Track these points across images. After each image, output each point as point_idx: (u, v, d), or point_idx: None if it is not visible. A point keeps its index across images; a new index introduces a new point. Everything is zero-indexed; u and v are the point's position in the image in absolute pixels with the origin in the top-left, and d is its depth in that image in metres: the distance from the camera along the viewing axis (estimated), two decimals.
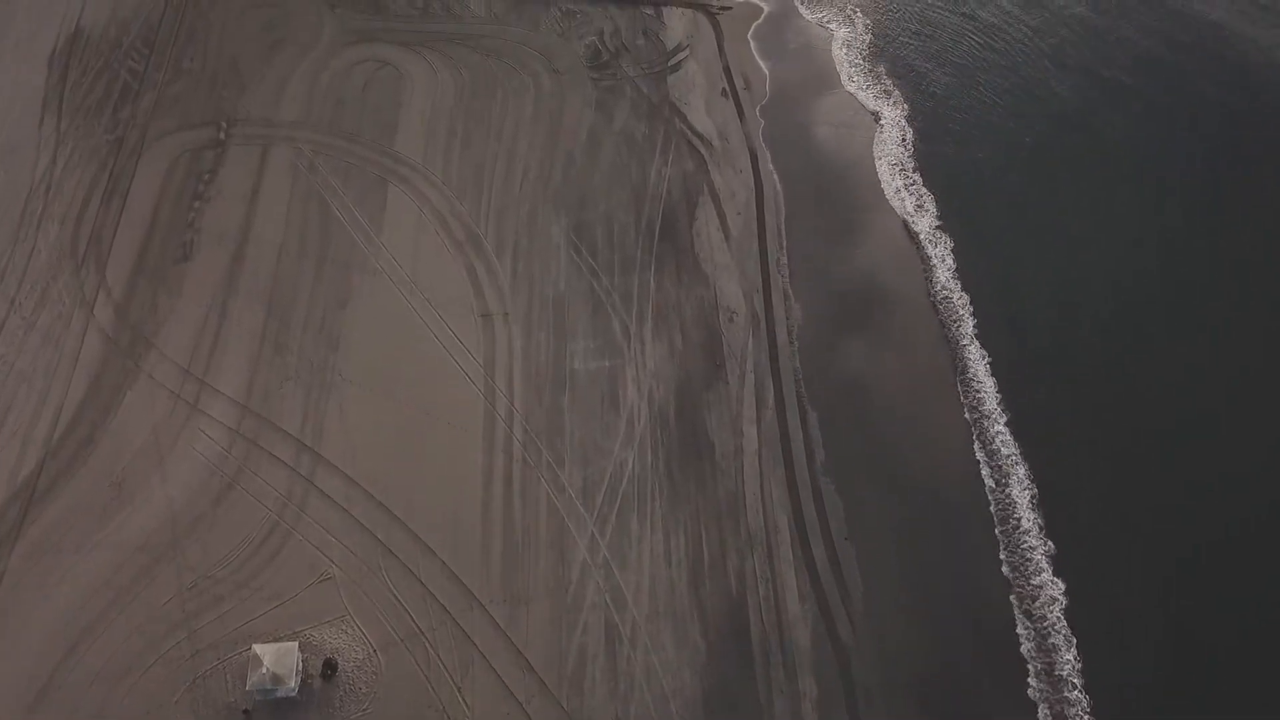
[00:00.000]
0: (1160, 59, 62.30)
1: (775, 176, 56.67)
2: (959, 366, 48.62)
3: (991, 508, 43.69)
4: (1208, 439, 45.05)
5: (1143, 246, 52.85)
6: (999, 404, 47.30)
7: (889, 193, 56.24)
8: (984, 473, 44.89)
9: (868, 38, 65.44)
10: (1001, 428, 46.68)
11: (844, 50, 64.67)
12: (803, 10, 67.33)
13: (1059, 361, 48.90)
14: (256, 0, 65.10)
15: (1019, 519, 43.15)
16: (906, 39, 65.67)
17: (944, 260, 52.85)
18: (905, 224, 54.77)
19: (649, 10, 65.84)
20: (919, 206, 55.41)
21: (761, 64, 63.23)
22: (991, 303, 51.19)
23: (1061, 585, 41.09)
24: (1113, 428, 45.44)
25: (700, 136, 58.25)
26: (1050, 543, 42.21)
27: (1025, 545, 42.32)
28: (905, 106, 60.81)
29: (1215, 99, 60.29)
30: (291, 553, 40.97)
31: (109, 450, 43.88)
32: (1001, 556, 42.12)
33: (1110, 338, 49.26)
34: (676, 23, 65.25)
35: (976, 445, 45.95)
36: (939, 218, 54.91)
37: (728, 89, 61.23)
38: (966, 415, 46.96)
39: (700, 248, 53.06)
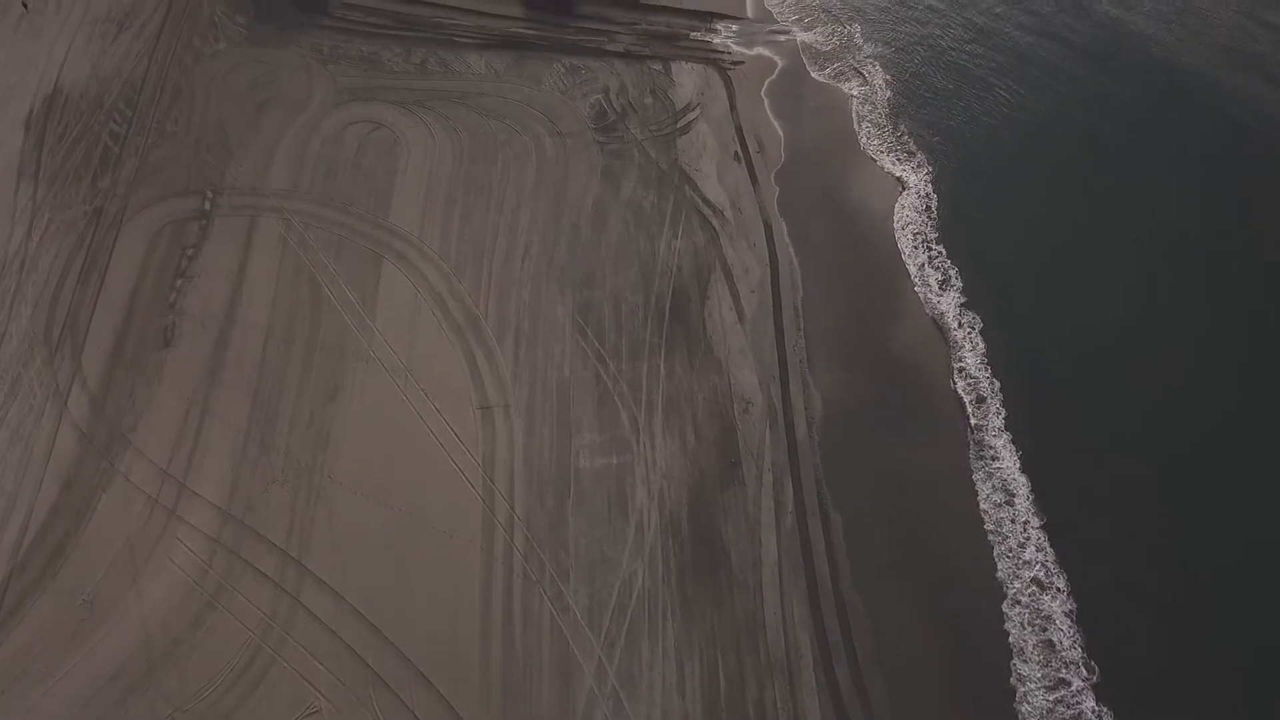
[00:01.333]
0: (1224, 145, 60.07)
1: (791, 251, 54.52)
2: (989, 462, 46.24)
3: (1028, 632, 41.29)
4: None
5: (1196, 329, 50.52)
6: (1032, 505, 44.93)
7: (912, 268, 54.15)
8: (1016, 586, 42.45)
9: (887, 94, 63.45)
10: (1037, 531, 44.28)
11: (863, 107, 62.64)
12: (819, 65, 65.35)
13: (1098, 456, 46.57)
14: (244, 56, 63.15)
15: (1057, 640, 40.75)
16: (928, 94, 63.78)
17: (973, 344, 50.67)
18: (929, 303, 52.59)
19: (657, 66, 63.87)
20: (944, 282, 53.30)
21: (776, 124, 61.18)
22: (1022, 390, 49.13)
23: (1111, 716, 38.67)
24: (1164, 545, 43.04)
25: (712, 206, 56.15)
26: (1096, 670, 39.78)
27: (1066, 672, 39.92)
28: (928, 169, 58.78)
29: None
30: (276, 681, 38.67)
31: (81, 563, 41.64)
32: (1038, 682, 39.71)
33: (1158, 430, 46.91)
34: (686, 79, 63.23)
35: (1010, 552, 43.53)
36: (964, 293, 52.85)
37: (740, 152, 59.19)
38: (999, 518, 44.57)
39: (713, 330, 50.88)
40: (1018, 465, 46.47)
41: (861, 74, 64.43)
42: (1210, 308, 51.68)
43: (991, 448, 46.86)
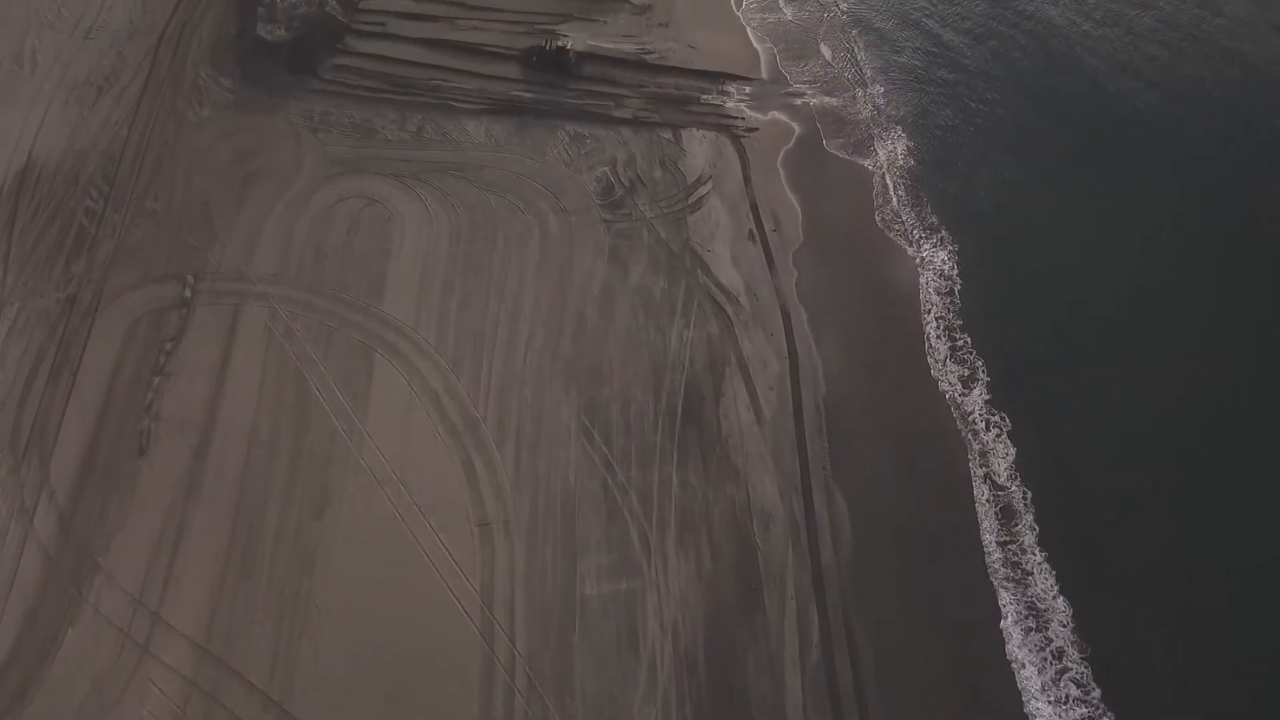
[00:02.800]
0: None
1: (811, 341, 51.87)
2: (1023, 587, 43.47)
3: None
4: None
5: (1252, 431, 47.67)
6: (1073, 636, 42.12)
7: (936, 362, 51.43)
8: None
9: (910, 163, 60.97)
10: (1077, 663, 41.48)
11: (884, 180, 60.15)
12: (838, 132, 62.85)
13: (1135, 567, 43.76)
14: (230, 124, 60.66)
15: None
16: (954, 163, 61.42)
17: (1003, 452, 48.03)
18: (955, 402, 49.88)
19: (666, 134, 61.32)
20: (970, 378, 50.78)
21: (793, 198, 58.59)
22: (1057, 500, 46.53)
23: None
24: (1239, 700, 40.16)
25: (726, 292, 53.52)
26: None
27: None
28: (953, 248, 56.36)
29: None
30: None
31: (44, 708, 38.88)
32: None
33: (1214, 548, 44.08)
34: (697, 149, 60.67)
35: (1048, 693, 40.71)
36: (991, 390, 50.19)
37: (755, 231, 56.62)
38: (1037, 658, 41.74)
39: (729, 432, 48.16)
40: (1053, 587, 43.63)
41: (883, 141, 61.97)
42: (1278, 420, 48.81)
43: (1027, 573, 44.07)
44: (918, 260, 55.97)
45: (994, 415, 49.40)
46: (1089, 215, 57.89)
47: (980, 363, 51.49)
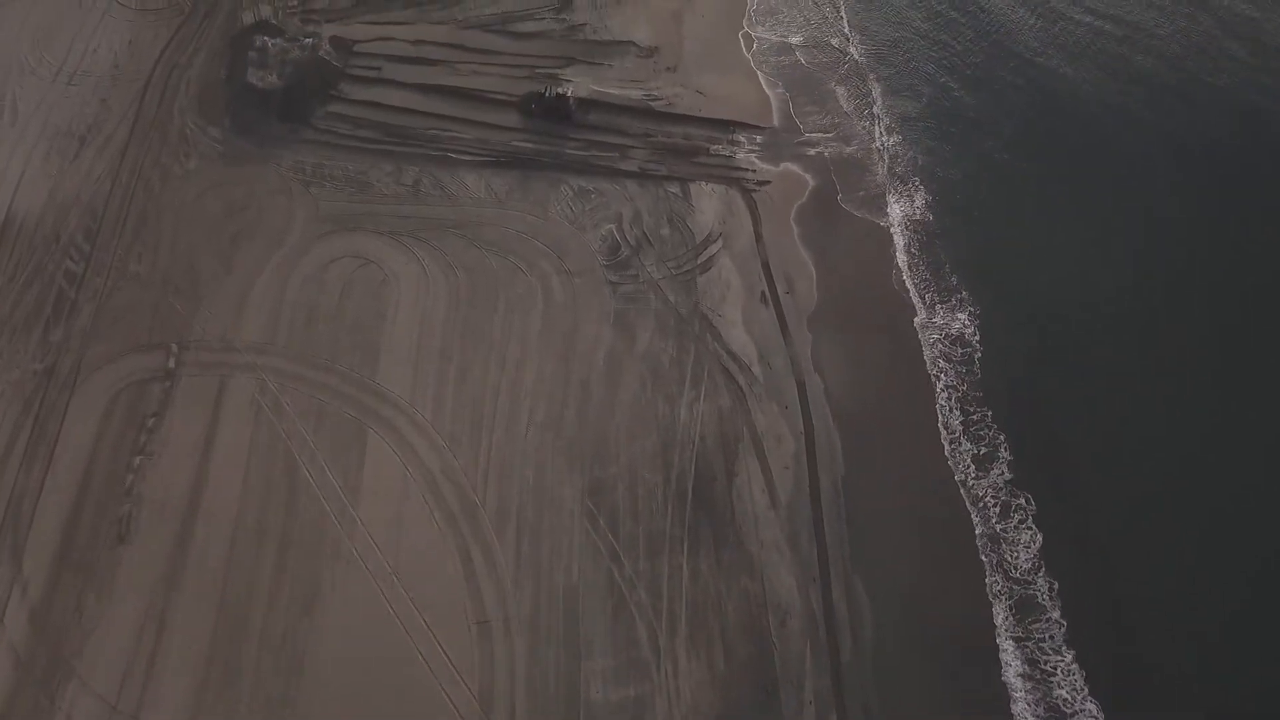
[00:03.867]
0: None
1: (828, 414, 49.80)
2: (1047, 689, 41.37)
3: None
4: None
5: None
6: None
7: (955, 440, 49.64)
8: None
9: (928, 217, 58.96)
10: None
11: (902, 236, 58.19)
12: (854, 184, 60.73)
13: (1170, 670, 41.64)
14: (218, 177, 58.64)
15: None
16: (974, 215, 59.37)
17: (1027, 541, 45.81)
18: (974, 482, 47.79)
19: (674, 188, 59.26)
20: (990, 456, 48.92)
21: (806, 257, 56.51)
22: (1084, 594, 44.31)
23: None
24: None
25: (737, 360, 51.42)
26: None
27: None
28: (973, 309, 54.62)
29: None
30: None
31: None
32: None
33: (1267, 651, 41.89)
34: (706, 204, 58.58)
35: None
36: (1013, 469, 48.31)
37: (768, 294, 54.58)
38: None
39: (742, 516, 46.05)
40: (1083, 690, 41.48)
41: (900, 195, 59.97)
42: None
43: (1044, 668, 42.01)
44: (937, 325, 53.96)
45: (1017, 497, 47.33)
46: (1114, 275, 55.87)
47: (1001, 438, 49.58)
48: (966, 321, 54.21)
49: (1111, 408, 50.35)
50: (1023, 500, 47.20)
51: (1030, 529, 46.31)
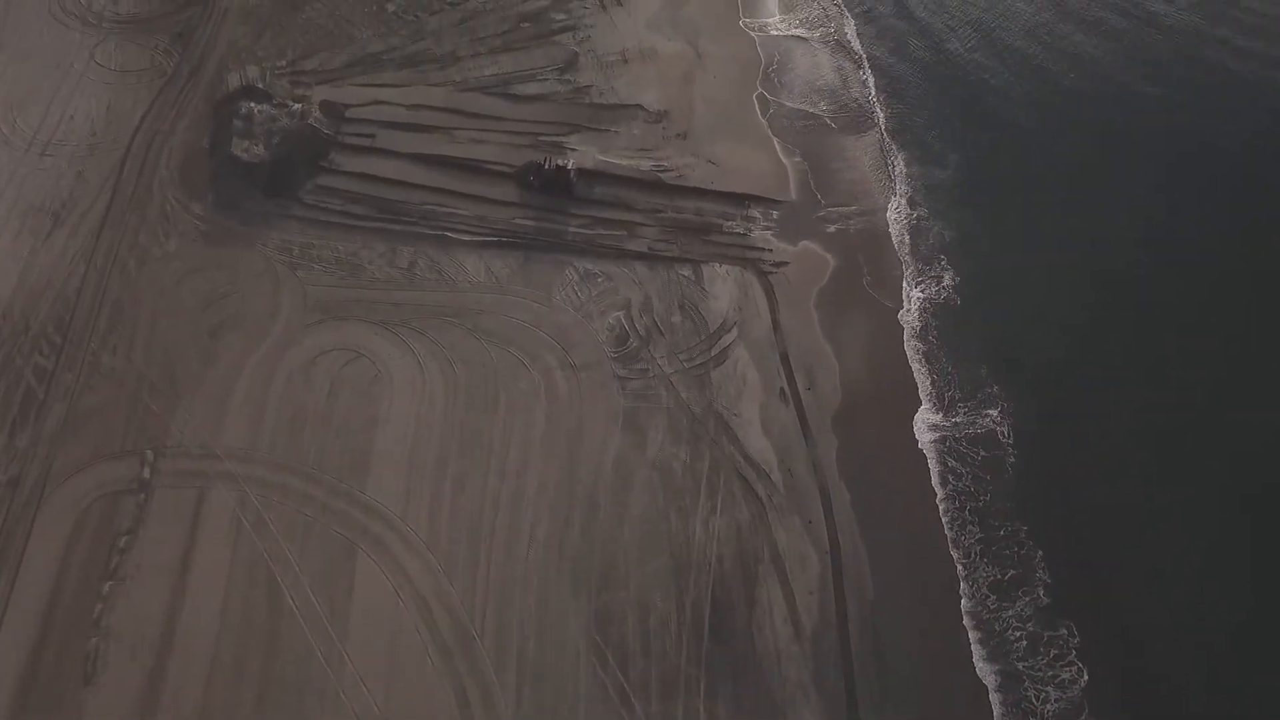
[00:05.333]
0: None
1: (856, 531, 46.96)
2: None
3: None
4: None
5: None
6: None
7: (986, 560, 46.39)
8: None
9: (955, 301, 56.31)
10: None
11: (929, 321, 55.42)
12: (878, 265, 57.85)
13: None
14: (198, 259, 55.99)
15: None
16: (1004, 297, 56.58)
17: (1069, 680, 42.69)
18: (1008, 610, 44.83)
19: (685, 270, 56.48)
20: (1025, 578, 45.70)
21: (828, 347, 53.64)
22: None
23: None
24: None
25: (756, 467, 48.56)
26: None
27: None
28: (1005, 404, 51.97)
29: None
30: None
31: None
32: None
33: None
34: (720, 289, 55.77)
35: None
36: (1051, 593, 45.10)
37: (787, 390, 51.75)
38: None
39: (764, 651, 43.20)
40: None
41: (927, 276, 57.25)
42: None
43: None
44: (967, 426, 50.93)
45: (1058, 629, 44.29)
46: (1161, 370, 52.87)
47: (1039, 555, 46.58)
48: (998, 416, 51.68)
49: (1152, 527, 47.34)
50: (1064, 630, 44.13)
51: (1074, 665, 43.23)
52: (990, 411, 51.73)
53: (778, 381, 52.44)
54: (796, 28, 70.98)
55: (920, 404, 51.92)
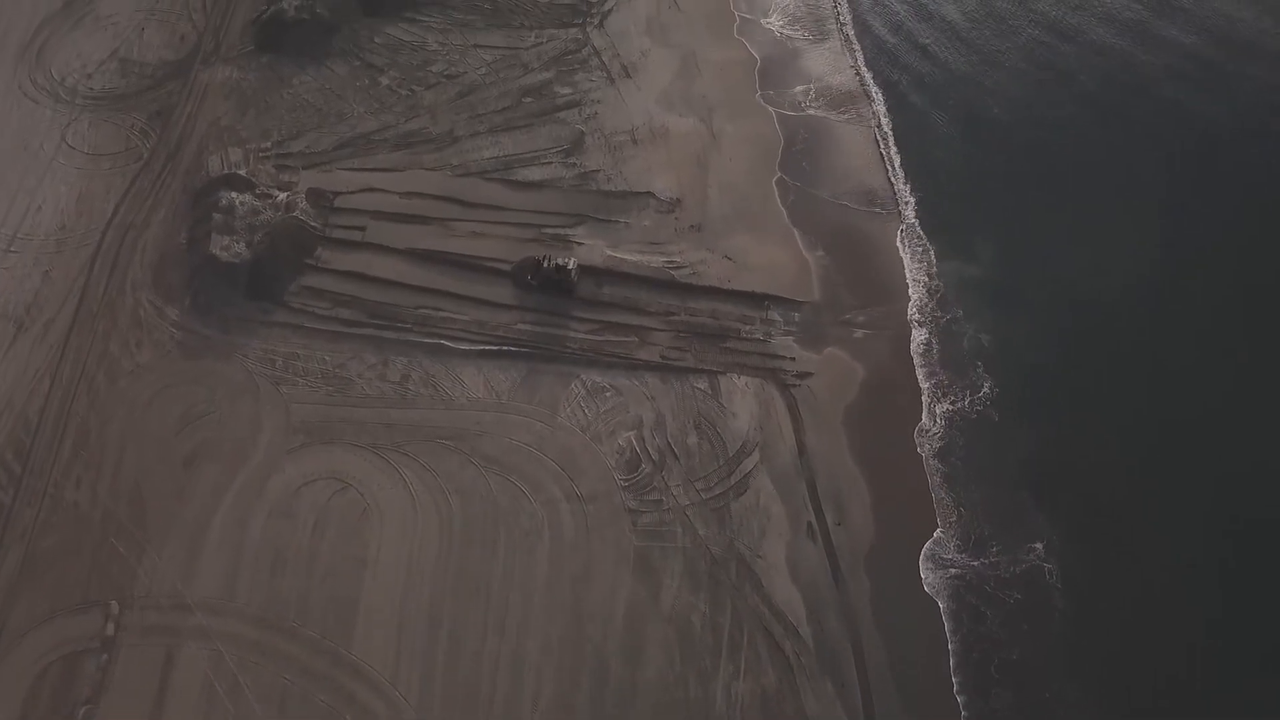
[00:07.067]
0: None
1: (894, 693, 43.29)
2: None
3: None
4: None
5: None
6: None
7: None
8: None
9: (993, 417, 52.69)
10: None
11: (960, 437, 51.72)
12: (910, 375, 53.99)
13: None
14: (173, 374, 52.73)
15: None
16: (1049, 414, 52.94)
17: None
18: None
19: (701, 382, 52.85)
20: None
21: (860, 474, 50.07)
22: None
23: None
24: None
25: (783, 620, 44.93)
26: None
27: None
28: (1051, 537, 48.23)
29: None
30: None
31: None
32: None
33: None
34: (739, 404, 52.13)
35: None
36: None
37: (815, 526, 48.08)
38: None
39: None
40: None
41: (964, 385, 53.61)
42: None
43: None
44: (1013, 571, 47.12)
45: None
46: (1236, 494, 49.02)
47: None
48: (1042, 551, 48.05)
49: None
50: None
51: None
52: (1033, 547, 48.13)
53: (805, 515, 48.74)
54: (817, 103, 67.32)
55: (940, 535, 48.11)
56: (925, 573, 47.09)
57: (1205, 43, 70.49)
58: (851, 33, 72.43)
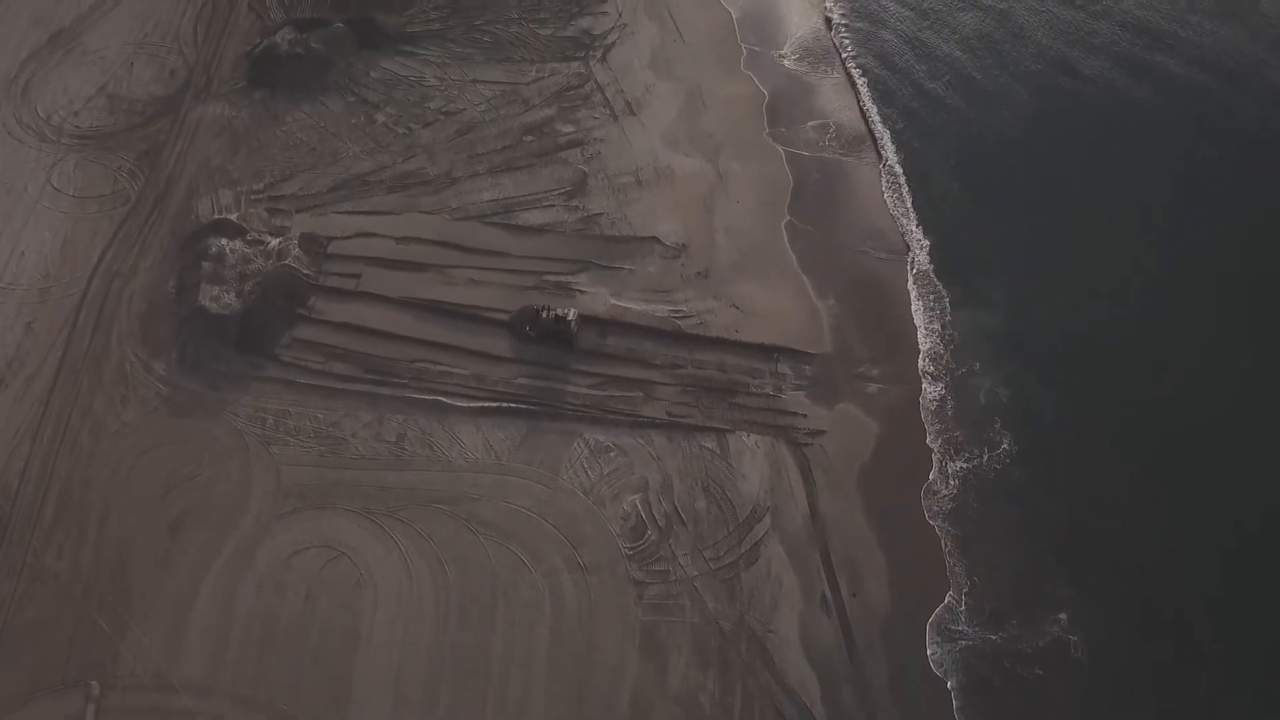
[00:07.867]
0: None
1: None
2: None
3: None
4: None
5: None
6: None
7: None
8: None
9: (1015, 476, 51.54)
10: None
11: (980, 504, 49.71)
12: (923, 433, 52.17)
13: None
14: (159, 433, 51.05)
15: None
16: (1069, 474, 51.32)
17: None
18: None
19: (709, 441, 51.16)
20: None
21: (876, 541, 48.48)
22: None
23: None
24: None
25: (796, 700, 43.33)
26: None
27: None
28: (1075, 608, 46.59)
29: None
30: None
31: None
32: None
33: None
34: (749, 465, 50.43)
35: None
36: None
37: (829, 597, 46.34)
38: None
39: None
40: None
41: (982, 443, 52.13)
42: None
43: None
44: (1035, 645, 45.40)
45: None
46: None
47: None
48: (1067, 621, 46.23)
49: None
50: None
51: None
52: (1057, 616, 46.46)
53: (818, 585, 47.04)
54: (828, 141, 65.67)
55: (953, 602, 46.44)
56: (932, 648, 45.35)
57: (1217, 80, 69.02)
58: (863, 68, 70.79)
